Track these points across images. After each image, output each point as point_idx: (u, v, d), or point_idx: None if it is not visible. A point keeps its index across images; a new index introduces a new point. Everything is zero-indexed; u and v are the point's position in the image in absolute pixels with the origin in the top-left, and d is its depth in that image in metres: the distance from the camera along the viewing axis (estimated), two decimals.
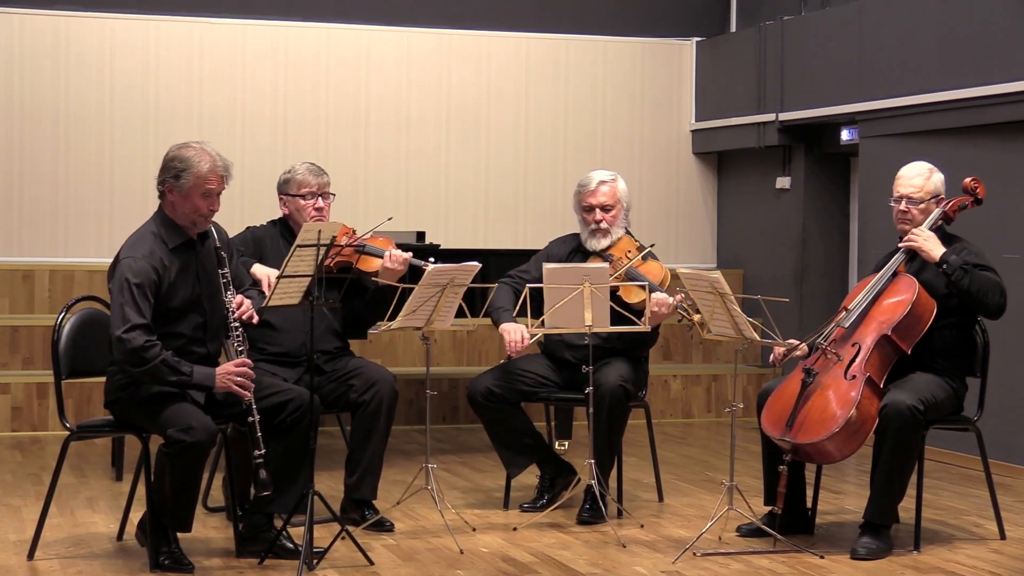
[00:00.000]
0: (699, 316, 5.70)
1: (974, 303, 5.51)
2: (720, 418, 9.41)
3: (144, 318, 4.92)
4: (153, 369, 4.91)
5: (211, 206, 5.10)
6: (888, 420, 5.35)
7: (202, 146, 5.14)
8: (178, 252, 5.11)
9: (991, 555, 5.52)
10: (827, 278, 9.36)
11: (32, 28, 9.03)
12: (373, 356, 8.24)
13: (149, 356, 4.90)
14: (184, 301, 5.10)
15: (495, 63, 9.92)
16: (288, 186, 5.94)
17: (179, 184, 5.07)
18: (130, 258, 5.01)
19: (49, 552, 5.30)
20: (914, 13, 8.13)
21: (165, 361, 4.92)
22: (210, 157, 5.10)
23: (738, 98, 9.83)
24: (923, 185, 5.66)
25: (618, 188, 6.23)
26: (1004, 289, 5.51)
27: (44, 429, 8.24)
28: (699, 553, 5.39)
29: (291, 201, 5.93)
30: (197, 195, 5.07)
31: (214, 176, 5.08)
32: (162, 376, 4.94)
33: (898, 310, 5.48)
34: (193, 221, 5.12)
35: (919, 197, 5.65)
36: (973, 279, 5.46)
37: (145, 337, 4.90)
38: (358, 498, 5.77)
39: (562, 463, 6.29)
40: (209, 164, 5.08)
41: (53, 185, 9.08)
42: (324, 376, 5.81)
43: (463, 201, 9.83)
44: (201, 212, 5.10)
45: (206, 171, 5.06)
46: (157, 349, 4.91)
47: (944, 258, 5.50)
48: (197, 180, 5.05)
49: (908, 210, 5.66)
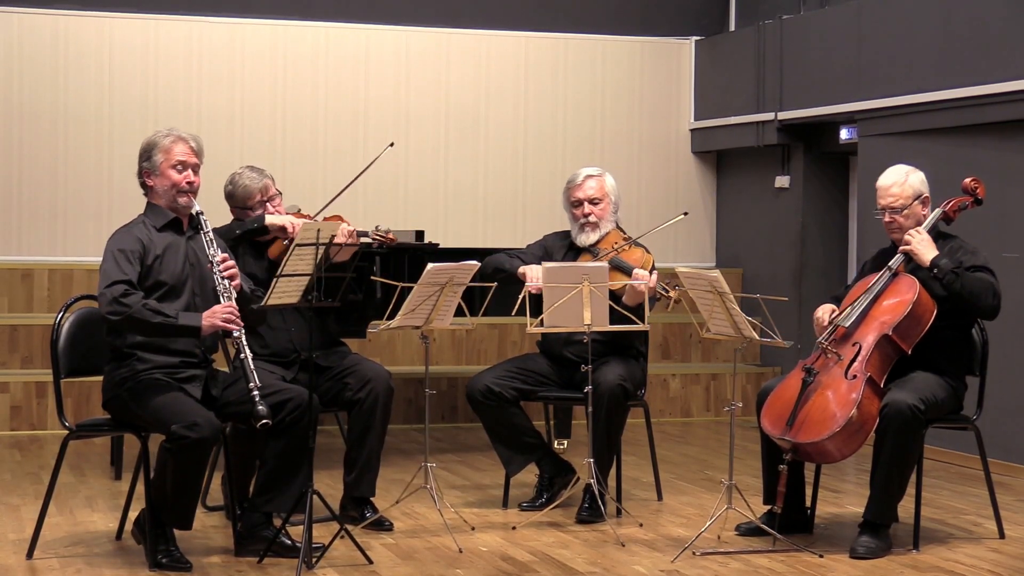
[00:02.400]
0: (676, 292, 5.72)
1: (967, 306, 5.50)
2: (719, 417, 9.41)
3: (126, 275, 5.01)
4: (136, 313, 4.95)
5: (187, 178, 5.19)
6: (889, 419, 5.34)
7: (168, 129, 5.28)
8: (165, 232, 5.20)
9: (990, 554, 5.52)
10: (826, 277, 9.36)
11: (31, 27, 9.03)
12: (372, 355, 8.24)
13: (130, 301, 4.96)
14: (174, 280, 5.14)
15: (494, 62, 9.92)
16: (234, 200, 5.97)
17: (151, 164, 5.20)
18: (114, 238, 5.16)
19: (48, 551, 5.30)
20: (913, 12, 8.13)
21: (147, 305, 4.98)
22: (175, 134, 5.23)
23: (737, 97, 9.83)
24: (901, 192, 5.64)
25: (605, 182, 6.24)
26: (997, 290, 5.49)
27: (43, 428, 8.24)
28: (698, 552, 5.39)
29: (240, 213, 5.96)
30: (168, 168, 5.18)
31: (181, 146, 5.20)
32: (147, 319, 4.97)
33: (899, 310, 5.47)
34: (174, 198, 5.20)
35: (900, 204, 5.63)
36: (964, 282, 5.45)
37: (125, 287, 4.98)
38: (357, 495, 5.78)
39: (561, 462, 6.29)
40: (172, 138, 5.22)
41: (52, 184, 9.08)
42: (320, 374, 5.81)
43: (462, 200, 9.83)
44: (178, 185, 5.18)
45: (170, 143, 5.19)
46: (138, 296, 4.99)
47: (935, 262, 5.49)
48: (166, 154, 5.18)
49: (893, 220, 5.66)
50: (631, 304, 5.88)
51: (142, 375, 5.09)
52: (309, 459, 5.14)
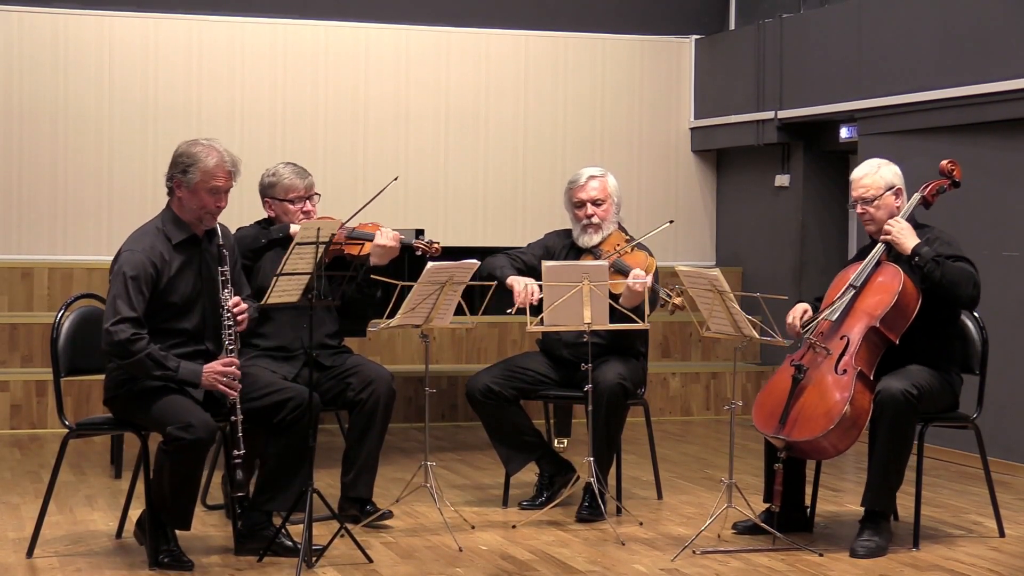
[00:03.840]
0: (679, 298, 5.72)
1: (946, 294, 5.47)
2: (719, 416, 9.41)
3: (135, 311, 4.94)
4: (139, 363, 4.92)
5: (218, 203, 5.12)
6: (883, 406, 5.33)
7: (211, 143, 5.16)
8: (181, 248, 5.12)
9: (990, 553, 5.52)
10: (826, 275, 9.32)
11: (31, 26, 9.03)
12: (372, 354, 8.24)
13: (135, 349, 4.91)
14: (185, 298, 5.10)
15: (494, 61, 9.92)
16: (274, 190, 5.91)
17: (186, 179, 5.09)
18: (130, 251, 5.05)
19: (48, 550, 5.30)
20: (913, 11, 8.13)
21: (151, 355, 4.93)
22: (218, 153, 5.12)
23: (737, 96, 9.83)
24: (872, 183, 5.63)
25: (608, 183, 6.22)
26: (977, 281, 5.46)
27: (43, 427, 8.24)
28: (698, 551, 5.39)
29: (278, 205, 5.91)
30: (204, 191, 5.09)
31: (221, 171, 5.10)
32: (148, 370, 4.94)
33: (885, 301, 5.45)
34: (199, 217, 5.13)
35: (871, 195, 5.62)
36: (945, 271, 5.43)
37: (133, 330, 4.92)
38: (354, 496, 5.77)
39: (561, 461, 6.29)
40: (216, 160, 5.10)
41: (52, 183, 9.07)
42: (322, 373, 5.81)
43: (462, 199, 9.83)
44: (208, 208, 5.11)
45: (212, 166, 5.08)
46: (144, 343, 4.92)
47: (916, 250, 5.47)
48: (204, 175, 5.07)
49: (865, 211, 5.65)
50: (628, 306, 5.87)
51: None
52: (309, 458, 5.13)
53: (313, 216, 5.92)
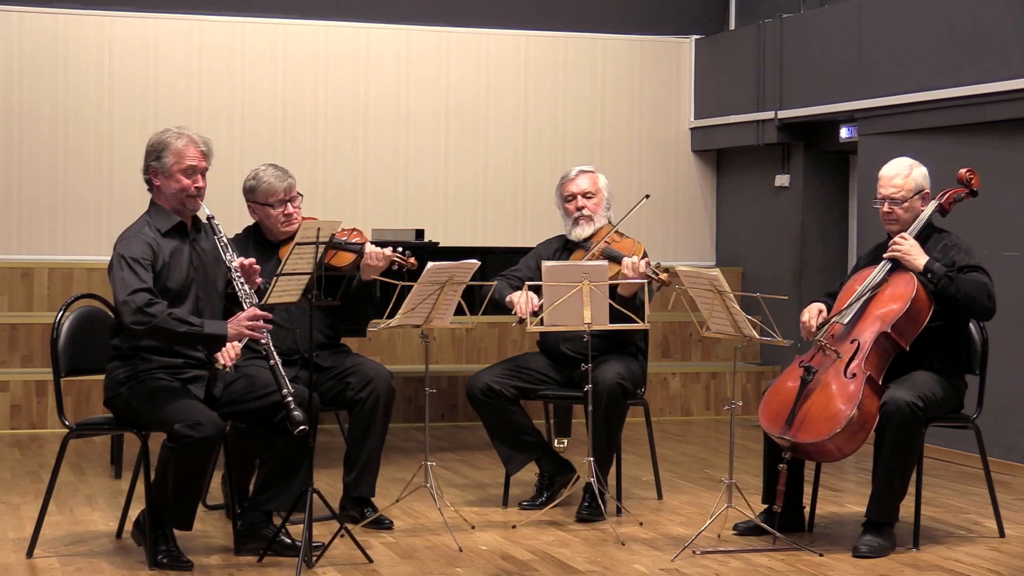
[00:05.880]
0: (667, 275, 5.73)
1: (962, 308, 5.49)
2: (719, 416, 9.41)
3: (145, 283, 4.96)
4: (162, 323, 4.92)
5: (196, 183, 5.16)
6: (888, 417, 5.34)
7: (180, 129, 5.23)
8: (170, 236, 5.16)
9: (990, 553, 5.52)
10: (826, 276, 9.35)
11: (31, 26, 9.02)
12: (372, 354, 8.24)
13: (155, 311, 4.92)
14: (179, 285, 5.12)
15: (494, 61, 9.92)
16: (254, 194, 5.90)
17: (161, 165, 5.15)
18: (123, 241, 5.10)
19: (48, 550, 5.30)
20: (913, 11, 8.13)
21: (172, 314, 4.94)
22: (187, 136, 5.19)
23: (737, 96, 9.83)
24: (904, 184, 5.62)
25: (598, 178, 6.29)
26: (992, 292, 5.47)
27: (43, 427, 8.24)
28: (698, 551, 5.39)
29: (259, 208, 5.91)
30: (179, 172, 5.14)
31: (192, 150, 5.16)
32: (173, 328, 4.93)
33: (898, 307, 5.46)
34: (182, 202, 5.17)
35: (901, 196, 5.62)
36: (959, 286, 5.43)
37: (149, 296, 4.94)
38: (356, 495, 5.78)
39: (561, 461, 6.29)
40: (186, 140, 5.17)
41: (52, 183, 9.07)
42: (321, 373, 5.81)
43: (462, 199, 9.82)
44: (187, 190, 5.15)
45: (183, 146, 5.15)
46: (163, 305, 4.95)
47: (928, 267, 5.47)
48: (177, 157, 5.13)
49: (892, 211, 5.64)
50: (626, 294, 5.89)
51: (145, 374, 5.08)
52: (309, 458, 5.13)
53: (296, 218, 5.89)
